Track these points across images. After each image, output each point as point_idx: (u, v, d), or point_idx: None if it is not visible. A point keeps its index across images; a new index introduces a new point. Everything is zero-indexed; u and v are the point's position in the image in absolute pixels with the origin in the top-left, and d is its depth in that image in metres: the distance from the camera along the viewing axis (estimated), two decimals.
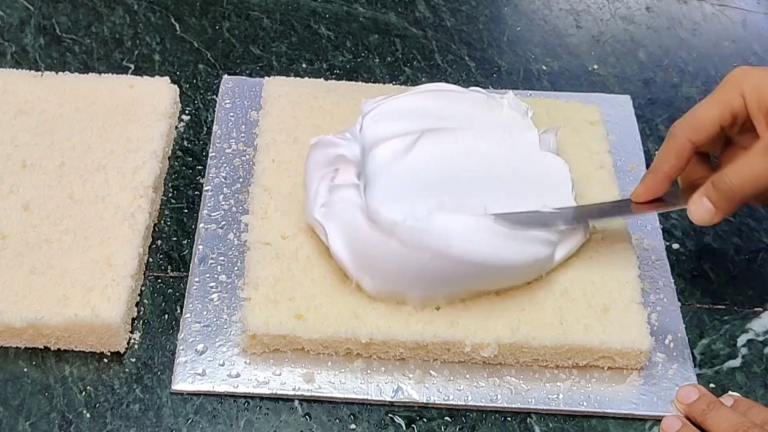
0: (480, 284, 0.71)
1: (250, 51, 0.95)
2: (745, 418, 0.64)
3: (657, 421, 0.69)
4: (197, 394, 0.68)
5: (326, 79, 0.89)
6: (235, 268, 0.75)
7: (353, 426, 0.68)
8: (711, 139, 0.68)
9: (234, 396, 0.68)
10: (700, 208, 0.66)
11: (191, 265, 0.75)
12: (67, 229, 0.73)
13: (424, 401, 0.69)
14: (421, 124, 0.77)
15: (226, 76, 0.90)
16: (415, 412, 0.69)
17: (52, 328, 0.68)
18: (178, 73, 0.91)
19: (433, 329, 0.69)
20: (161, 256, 0.77)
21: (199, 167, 0.83)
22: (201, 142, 0.85)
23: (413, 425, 0.68)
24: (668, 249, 0.79)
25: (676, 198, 0.71)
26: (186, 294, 0.73)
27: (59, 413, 0.67)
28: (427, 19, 1.00)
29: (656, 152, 0.71)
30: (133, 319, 0.72)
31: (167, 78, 0.86)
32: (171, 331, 0.72)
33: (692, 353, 0.73)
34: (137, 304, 0.73)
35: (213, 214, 0.78)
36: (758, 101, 0.66)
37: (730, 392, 0.69)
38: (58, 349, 0.70)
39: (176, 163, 0.83)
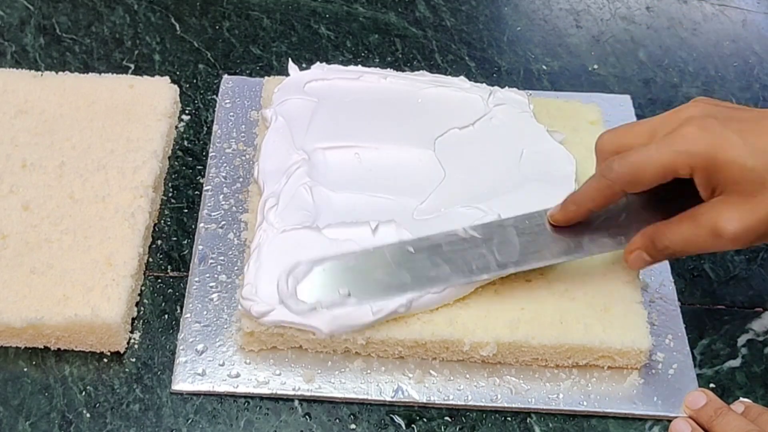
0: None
1: (250, 51, 0.95)
2: (753, 425, 0.63)
3: (657, 420, 0.69)
4: (197, 394, 0.68)
5: None
6: (235, 268, 0.74)
7: (353, 426, 0.68)
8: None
9: (234, 396, 0.68)
10: (637, 260, 0.69)
11: (191, 264, 0.75)
12: (67, 229, 0.73)
13: (424, 401, 0.69)
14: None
15: (226, 76, 0.90)
16: (415, 412, 0.69)
17: (52, 328, 0.68)
18: (178, 73, 0.91)
19: (432, 328, 0.69)
20: (161, 256, 0.77)
21: (199, 167, 0.83)
22: (201, 142, 0.85)
23: (413, 425, 0.68)
24: None
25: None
26: (186, 294, 0.73)
27: (59, 413, 0.67)
28: (427, 19, 1.00)
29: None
30: (133, 319, 0.72)
31: (167, 78, 0.86)
32: (171, 331, 0.72)
33: (692, 353, 0.73)
34: (137, 304, 0.73)
35: (213, 213, 0.78)
36: (707, 180, 0.63)
37: (741, 399, 0.68)
38: (58, 349, 0.70)
39: (176, 163, 0.83)
